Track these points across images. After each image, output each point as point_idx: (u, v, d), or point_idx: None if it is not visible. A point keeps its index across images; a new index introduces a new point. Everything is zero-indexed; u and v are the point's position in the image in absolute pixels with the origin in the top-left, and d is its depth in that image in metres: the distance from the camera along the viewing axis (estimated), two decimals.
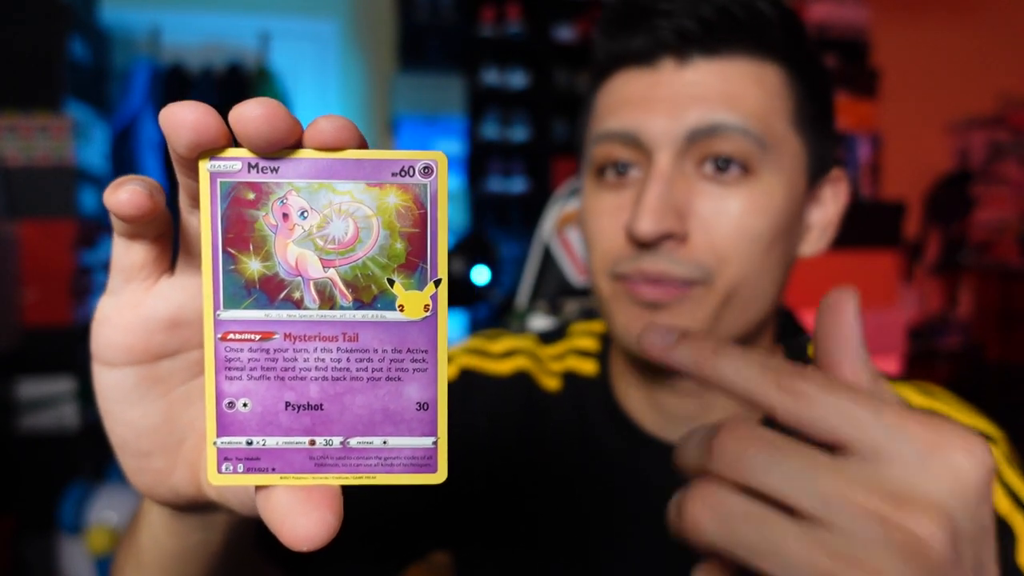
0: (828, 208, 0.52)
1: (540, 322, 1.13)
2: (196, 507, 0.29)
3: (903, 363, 2.02)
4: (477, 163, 2.76)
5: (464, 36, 2.71)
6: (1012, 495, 0.45)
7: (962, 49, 3.49)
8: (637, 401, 0.53)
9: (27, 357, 1.82)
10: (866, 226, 1.94)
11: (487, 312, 2.62)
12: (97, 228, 2.03)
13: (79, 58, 1.93)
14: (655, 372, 0.50)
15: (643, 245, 0.45)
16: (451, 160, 2.68)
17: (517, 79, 2.76)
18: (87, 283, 1.96)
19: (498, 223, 2.80)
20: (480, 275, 2.29)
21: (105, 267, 2.07)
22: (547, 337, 0.61)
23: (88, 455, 1.89)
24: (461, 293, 2.40)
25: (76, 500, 1.63)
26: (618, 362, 0.55)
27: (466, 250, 2.36)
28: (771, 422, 0.23)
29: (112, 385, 0.25)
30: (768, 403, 0.22)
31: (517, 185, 2.77)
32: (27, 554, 1.80)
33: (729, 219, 0.45)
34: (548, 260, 1.19)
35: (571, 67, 2.88)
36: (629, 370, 0.53)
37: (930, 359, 2.98)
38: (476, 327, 2.64)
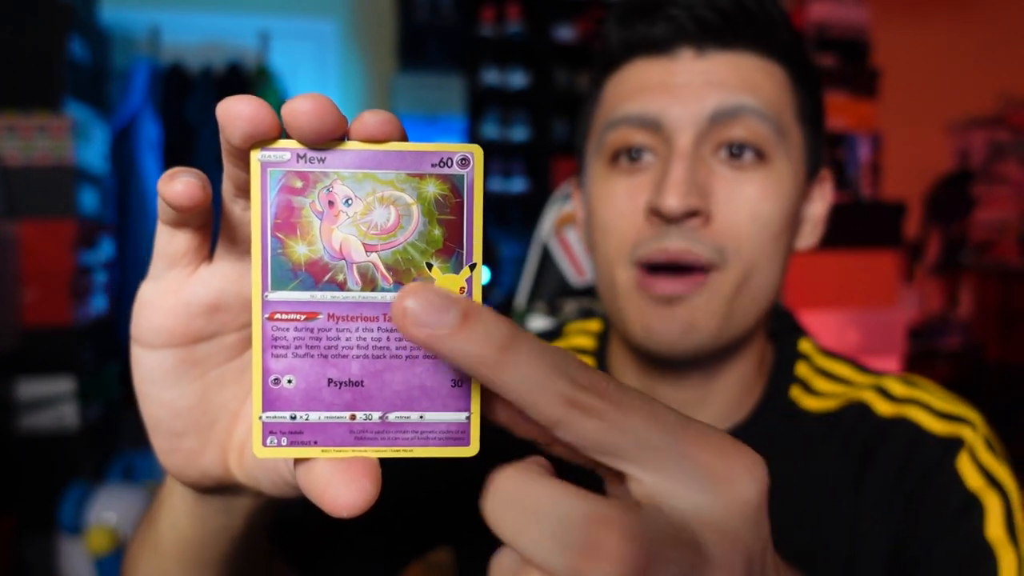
0: (817, 206, 0.54)
1: (539, 322, 1.13)
2: (222, 489, 0.30)
3: (903, 363, 2.02)
4: None
5: (464, 36, 2.71)
6: (985, 473, 0.48)
7: (962, 49, 3.49)
8: None
9: (27, 357, 1.82)
10: (866, 226, 1.94)
11: None
12: (97, 228, 2.03)
13: (78, 58, 1.93)
14: (661, 366, 0.51)
15: (668, 221, 0.45)
16: None
17: (517, 79, 2.75)
18: (86, 283, 1.96)
19: (498, 223, 2.80)
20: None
21: (104, 267, 2.07)
22: (544, 337, 0.63)
23: (88, 455, 1.89)
24: None
25: (75, 500, 1.63)
26: (615, 358, 0.56)
27: None
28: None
29: (151, 366, 0.27)
30: (552, 418, 0.19)
31: (517, 185, 2.77)
32: (27, 554, 1.80)
33: (746, 202, 0.46)
34: (547, 260, 1.19)
35: (571, 67, 2.88)
36: (628, 364, 0.54)
37: (930, 359, 2.98)
38: None
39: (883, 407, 0.52)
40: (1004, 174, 3.38)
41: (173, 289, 0.26)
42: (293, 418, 0.23)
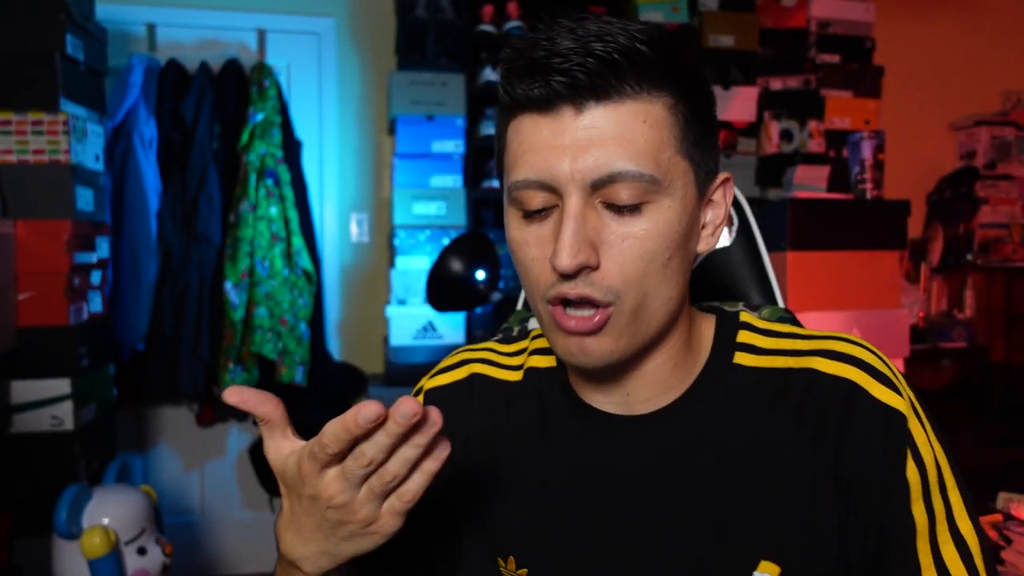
0: (719, 207, 0.61)
1: (536, 323, 1.11)
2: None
3: (907, 363, 2.00)
4: (476, 162, 2.74)
5: (463, 33, 2.69)
6: (913, 450, 0.56)
7: (967, 46, 3.47)
8: (578, 381, 0.64)
9: (22, 358, 1.81)
10: (870, 226, 1.92)
11: (487, 312, 2.60)
12: (93, 228, 2.01)
13: (74, 55, 1.92)
14: (590, 377, 0.62)
15: (563, 277, 0.54)
16: (450, 159, 2.65)
17: None
18: (82, 283, 1.95)
19: (498, 222, 2.78)
20: (479, 275, 2.27)
21: (100, 267, 2.05)
22: (509, 340, 0.73)
23: (83, 457, 1.87)
24: (461, 294, 2.37)
25: (70, 502, 1.62)
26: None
27: (465, 250, 2.33)
28: None
29: None
30: None
31: None
32: (21, 557, 1.78)
33: (632, 245, 0.54)
34: None
35: None
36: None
37: (935, 359, 2.95)
38: (476, 327, 2.62)
39: (827, 366, 0.58)
40: (1009, 173, 3.35)
41: None
42: None
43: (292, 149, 2.59)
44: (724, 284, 0.96)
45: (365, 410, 0.43)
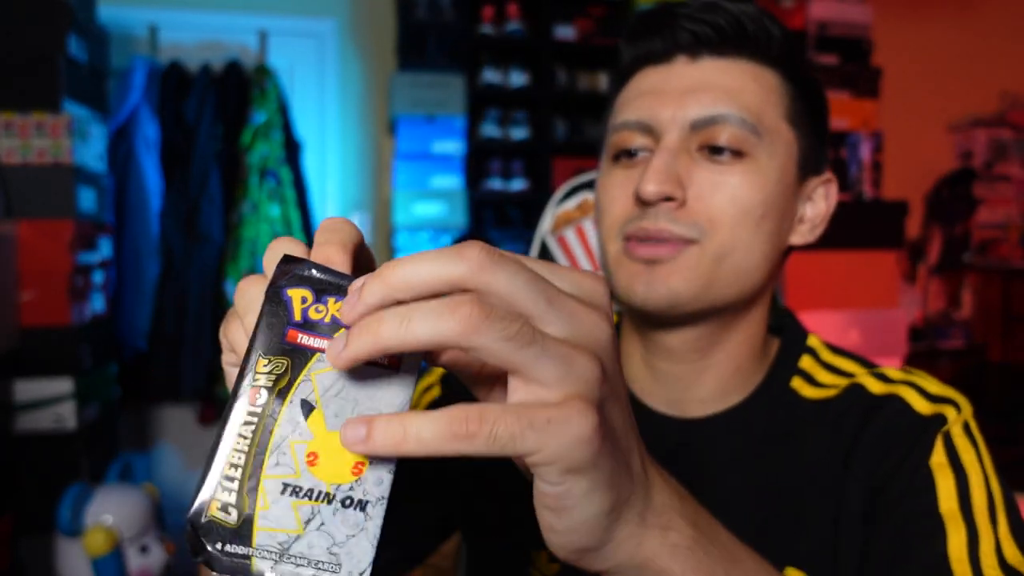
0: (819, 206, 0.59)
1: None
2: None
3: (905, 363, 2.01)
4: (476, 163, 2.75)
5: (464, 34, 2.70)
6: (951, 453, 0.51)
7: (964, 48, 3.48)
8: (638, 375, 0.61)
9: (24, 358, 1.82)
10: (868, 226, 1.93)
11: None
12: (95, 228, 2.02)
13: (76, 57, 1.92)
14: (653, 323, 0.57)
15: (646, 204, 0.52)
16: (450, 160, 2.67)
17: (517, 78, 2.74)
18: (85, 283, 1.95)
19: (498, 223, 2.79)
20: None
21: (102, 266, 2.06)
22: None
23: (85, 456, 1.88)
24: None
25: (73, 501, 1.62)
26: (626, 343, 0.62)
27: None
28: None
29: None
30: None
31: (517, 185, 2.76)
32: (24, 555, 1.79)
33: (723, 190, 0.52)
34: (546, 260, 1.18)
35: (571, 66, 2.86)
36: (635, 345, 0.61)
37: (933, 359, 2.97)
38: None
39: (877, 387, 0.56)
40: (1006, 173, 3.37)
41: None
42: None
43: (293, 150, 2.60)
44: None
45: None
